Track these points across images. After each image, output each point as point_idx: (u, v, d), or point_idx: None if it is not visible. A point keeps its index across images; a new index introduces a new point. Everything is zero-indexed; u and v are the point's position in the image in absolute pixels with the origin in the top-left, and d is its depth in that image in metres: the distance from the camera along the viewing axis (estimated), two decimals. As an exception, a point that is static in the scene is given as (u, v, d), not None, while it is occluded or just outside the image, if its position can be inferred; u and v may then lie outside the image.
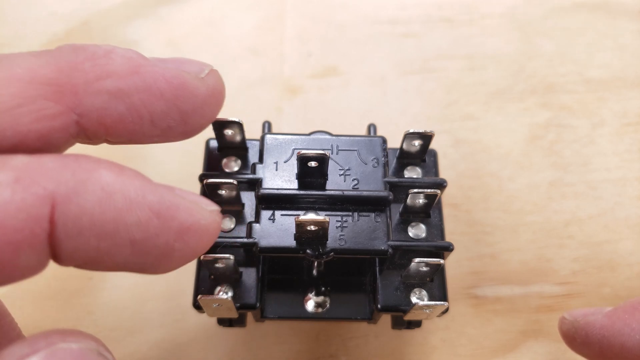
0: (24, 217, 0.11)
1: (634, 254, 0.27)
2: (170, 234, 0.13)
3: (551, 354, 0.25)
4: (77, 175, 0.12)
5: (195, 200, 0.14)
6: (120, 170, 0.13)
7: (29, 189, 0.12)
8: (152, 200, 0.13)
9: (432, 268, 0.19)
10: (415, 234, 0.21)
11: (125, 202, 0.12)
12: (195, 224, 0.14)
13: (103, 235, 0.12)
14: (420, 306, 0.18)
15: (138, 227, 0.13)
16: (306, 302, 0.22)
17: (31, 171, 0.12)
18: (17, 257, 0.12)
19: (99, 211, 0.12)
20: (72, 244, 0.12)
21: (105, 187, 0.12)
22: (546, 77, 0.31)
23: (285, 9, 0.33)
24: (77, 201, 0.12)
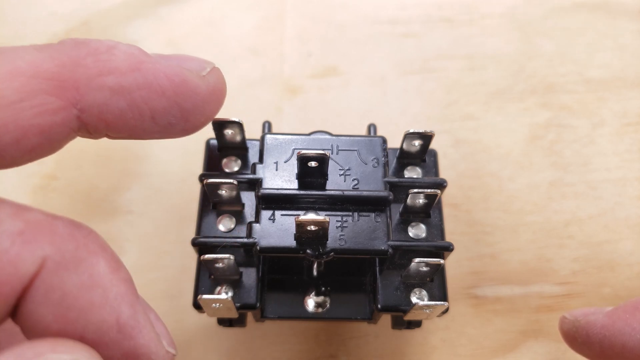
0: (10, 272, 0.11)
1: (634, 254, 0.27)
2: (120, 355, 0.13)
3: (551, 354, 0.25)
4: (78, 252, 0.12)
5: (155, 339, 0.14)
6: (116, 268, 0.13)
7: (27, 245, 0.12)
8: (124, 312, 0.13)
9: (432, 268, 0.19)
10: (415, 234, 0.21)
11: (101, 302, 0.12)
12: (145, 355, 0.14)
13: (64, 319, 0.12)
14: (420, 306, 0.18)
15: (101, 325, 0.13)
16: (306, 302, 0.22)
17: (39, 228, 0.12)
18: None
19: (75, 295, 0.12)
20: (35, 316, 0.12)
21: (93, 276, 0.12)
22: (546, 77, 0.31)
23: (285, 9, 0.33)
24: (62, 277, 0.12)
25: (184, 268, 0.26)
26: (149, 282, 0.26)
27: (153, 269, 0.26)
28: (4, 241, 0.11)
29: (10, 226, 0.12)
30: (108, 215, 0.27)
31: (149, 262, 0.26)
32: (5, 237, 0.11)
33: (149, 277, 0.26)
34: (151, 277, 0.26)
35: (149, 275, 0.26)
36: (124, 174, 0.28)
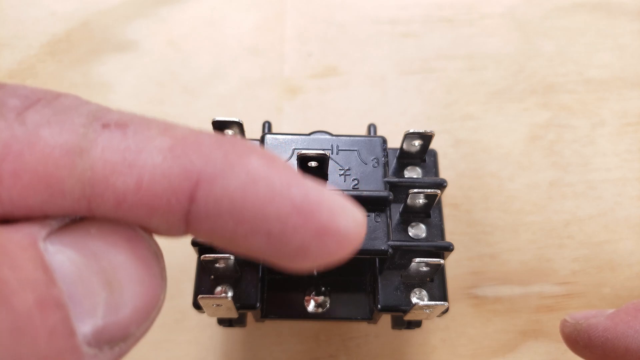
0: (166, 186, 0.11)
1: (634, 254, 0.27)
2: (307, 233, 0.12)
3: (551, 354, 0.25)
4: (228, 157, 0.12)
5: (343, 205, 0.13)
6: (271, 160, 0.12)
7: (178, 159, 0.11)
8: (296, 195, 0.12)
9: (432, 268, 0.19)
10: (415, 234, 0.21)
11: (268, 192, 0.12)
12: (334, 228, 0.12)
13: (241, 221, 0.12)
14: (420, 306, 0.18)
15: (277, 220, 0.12)
16: (306, 302, 0.22)
17: (187, 143, 0.12)
18: (149, 219, 0.12)
19: (240, 196, 0.12)
20: (209, 224, 0.12)
21: (251, 173, 0.12)
22: (546, 77, 0.31)
23: (285, 9, 0.33)
24: (222, 183, 0.12)
25: (184, 268, 0.26)
26: (149, 282, 0.26)
27: (153, 269, 0.26)
28: (154, 157, 0.11)
29: (160, 142, 0.12)
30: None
31: (149, 262, 0.26)
32: (156, 153, 0.11)
33: (149, 277, 0.26)
34: (151, 277, 0.26)
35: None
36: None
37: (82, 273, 0.11)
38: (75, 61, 0.31)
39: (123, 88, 0.31)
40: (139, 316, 0.12)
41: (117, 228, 0.12)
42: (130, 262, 0.12)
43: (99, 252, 0.12)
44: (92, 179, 0.11)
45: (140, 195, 0.11)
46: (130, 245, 0.12)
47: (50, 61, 0.31)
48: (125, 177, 0.11)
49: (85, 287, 0.11)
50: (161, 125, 0.12)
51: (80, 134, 0.11)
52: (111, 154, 0.11)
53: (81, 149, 0.11)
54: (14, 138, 0.11)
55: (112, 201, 0.11)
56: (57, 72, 0.31)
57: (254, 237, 0.12)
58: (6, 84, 0.12)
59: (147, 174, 0.11)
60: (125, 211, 0.12)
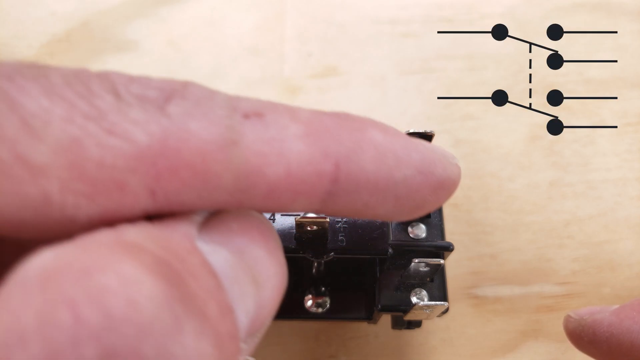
0: (311, 171, 0.12)
1: (634, 254, 0.27)
2: (427, 188, 0.13)
3: (551, 354, 0.25)
4: (353, 135, 0.12)
5: (446, 155, 0.14)
6: (386, 129, 0.13)
7: (317, 145, 0.12)
8: (416, 158, 0.13)
9: (432, 268, 0.19)
10: (415, 234, 0.21)
11: (395, 161, 0.13)
12: (448, 179, 0.14)
13: (375, 191, 0.12)
14: (420, 306, 0.18)
15: (404, 184, 0.13)
16: (306, 302, 0.22)
17: (316, 127, 0.12)
18: (292, 203, 0.12)
19: (374, 169, 0.12)
20: (346, 199, 0.12)
21: (378, 147, 0.12)
22: (546, 77, 0.31)
23: (285, 9, 0.33)
24: (357, 160, 0.12)
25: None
26: (149, 282, 0.26)
27: (153, 269, 0.26)
28: (296, 144, 0.11)
29: (295, 129, 0.12)
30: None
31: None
32: (296, 140, 0.12)
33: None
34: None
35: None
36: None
37: (236, 272, 0.11)
38: (75, 61, 0.31)
39: (123, 88, 0.31)
40: (275, 307, 0.13)
41: (253, 220, 0.12)
42: (267, 256, 0.12)
43: (243, 248, 0.12)
44: (247, 171, 0.11)
45: (289, 182, 0.11)
46: (264, 238, 0.12)
47: (50, 61, 0.31)
48: (277, 166, 0.11)
49: (240, 286, 0.11)
50: (288, 111, 0.12)
51: (227, 126, 0.11)
52: (261, 145, 0.11)
53: (233, 142, 0.11)
54: (166, 133, 0.11)
55: (264, 191, 0.11)
56: (57, 72, 0.31)
57: (384, 203, 0.13)
58: (132, 75, 0.11)
59: (294, 161, 0.11)
60: (273, 200, 0.12)
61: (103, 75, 0.11)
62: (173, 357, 0.09)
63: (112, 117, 0.10)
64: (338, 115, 0.13)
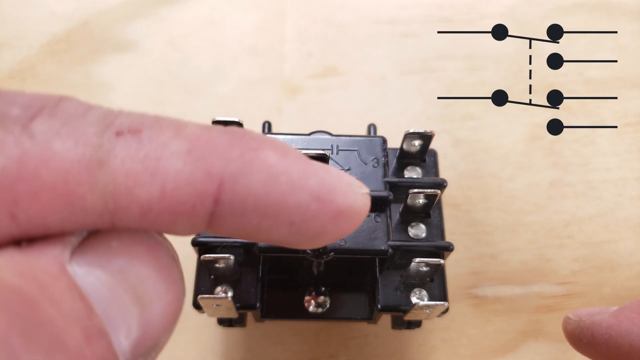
0: (190, 192, 0.11)
1: (634, 254, 0.27)
2: (326, 217, 0.13)
3: (551, 354, 0.25)
4: (244, 155, 0.12)
5: (350, 183, 0.13)
6: (285, 152, 0.12)
7: (198, 163, 0.11)
8: (313, 184, 0.12)
9: (432, 268, 0.19)
10: (415, 234, 0.21)
11: (289, 185, 0.12)
12: (349, 208, 0.13)
13: (265, 215, 0.12)
14: (420, 306, 0.18)
15: (298, 210, 0.12)
16: (306, 302, 0.22)
17: (202, 144, 0.11)
18: (173, 224, 0.11)
19: (264, 193, 0.12)
20: (234, 222, 0.12)
21: (269, 168, 0.12)
22: (546, 77, 0.31)
23: (285, 9, 0.33)
24: (244, 182, 0.12)
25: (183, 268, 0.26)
26: (149, 282, 0.26)
27: (153, 269, 0.26)
28: (175, 162, 0.11)
29: (177, 146, 0.11)
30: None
31: (149, 262, 0.26)
32: (175, 159, 0.11)
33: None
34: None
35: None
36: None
37: (114, 293, 0.11)
38: (75, 61, 0.31)
39: (123, 88, 0.31)
40: (168, 325, 0.12)
41: (137, 237, 0.12)
42: (155, 273, 0.12)
43: (124, 267, 0.11)
44: (115, 193, 0.11)
45: (165, 203, 0.11)
46: (151, 254, 0.12)
47: (50, 61, 0.31)
48: (149, 186, 0.11)
49: (119, 307, 0.11)
50: (172, 126, 0.12)
51: (96, 145, 0.11)
52: (131, 164, 0.11)
53: (100, 162, 0.10)
54: (26, 154, 0.10)
55: (136, 212, 0.11)
56: (57, 72, 0.31)
57: (277, 228, 0.12)
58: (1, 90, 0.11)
59: (170, 181, 0.11)
60: (149, 221, 0.11)
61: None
62: None
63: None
64: (233, 132, 0.12)
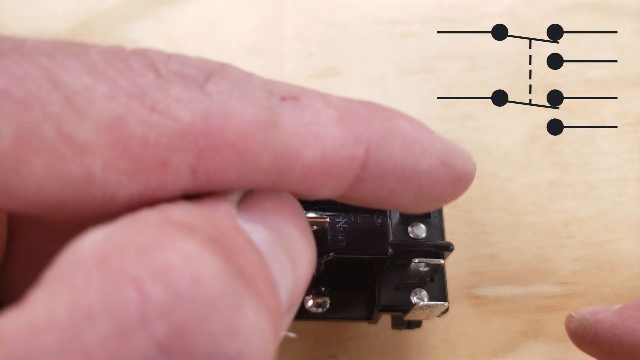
0: (344, 155, 0.12)
1: (634, 254, 0.27)
2: (447, 180, 0.14)
3: (551, 354, 0.25)
4: (383, 123, 0.13)
5: (464, 150, 0.14)
6: (412, 120, 0.13)
7: (350, 130, 0.12)
8: (440, 149, 0.13)
9: (432, 268, 0.19)
10: (415, 234, 0.21)
11: (421, 150, 0.13)
12: (466, 173, 0.14)
13: (401, 179, 0.13)
14: (420, 306, 0.18)
15: (427, 174, 0.13)
16: (306, 302, 0.22)
17: (349, 113, 0.12)
18: (323, 186, 0.12)
19: (402, 157, 0.13)
20: (373, 185, 0.13)
21: (405, 135, 0.13)
22: (546, 77, 0.31)
23: (285, 9, 0.33)
24: (386, 147, 0.12)
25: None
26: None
27: (153, 269, 0.26)
28: (331, 128, 0.12)
29: (329, 114, 0.12)
30: (108, 215, 0.27)
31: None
32: (330, 125, 0.12)
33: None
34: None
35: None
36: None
37: (275, 249, 0.11)
38: (75, 61, 0.31)
39: (123, 88, 0.31)
40: (308, 282, 0.13)
41: (284, 199, 0.12)
42: (300, 233, 0.12)
43: (279, 226, 0.12)
44: (285, 153, 0.11)
45: (323, 165, 0.12)
46: (296, 216, 0.12)
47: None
48: (313, 148, 0.11)
49: (279, 263, 0.11)
50: (321, 96, 0.12)
51: (267, 108, 0.11)
52: (298, 127, 0.11)
53: (272, 123, 0.11)
54: (209, 111, 0.11)
55: (299, 173, 0.11)
56: (57, 72, 0.31)
57: (407, 191, 0.13)
58: (170, 52, 0.11)
59: (329, 145, 0.12)
60: (307, 182, 0.12)
61: (141, 52, 0.11)
62: (237, 333, 0.09)
63: (154, 95, 0.10)
64: (367, 103, 0.13)
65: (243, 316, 0.09)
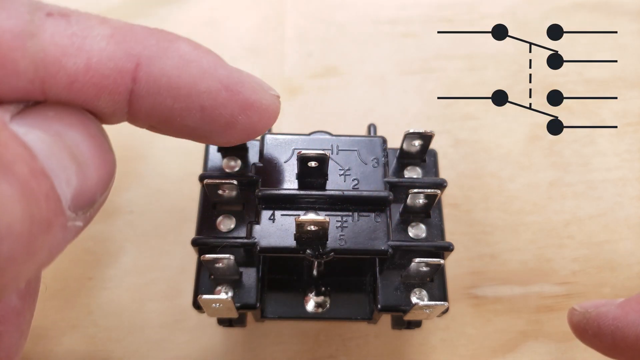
0: (112, 67, 0.13)
1: (634, 254, 0.27)
2: (235, 106, 0.15)
3: (551, 354, 0.25)
4: (160, 43, 0.14)
5: (259, 82, 0.16)
6: (196, 45, 0.15)
7: (121, 45, 0.13)
8: (222, 74, 0.15)
9: (432, 268, 0.19)
10: (415, 234, 0.21)
11: (199, 71, 0.14)
12: (257, 102, 0.15)
13: (178, 97, 0.14)
14: (420, 306, 0.18)
15: (208, 95, 0.14)
16: (306, 302, 0.22)
17: (124, 31, 0.13)
18: (97, 98, 0.13)
19: (176, 75, 0.14)
20: (150, 102, 0.14)
21: (183, 56, 0.14)
22: (546, 77, 0.31)
23: (285, 9, 0.33)
24: (159, 64, 0.14)
25: (183, 268, 0.26)
26: (149, 282, 0.26)
27: (153, 269, 0.26)
28: (99, 42, 0.13)
29: (101, 30, 0.13)
30: (108, 215, 0.27)
31: (149, 262, 0.26)
32: (99, 39, 0.13)
33: (149, 277, 0.26)
34: (151, 277, 0.26)
35: (149, 275, 0.26)
36: (123, 174, 0.28)
37: (52, 149, 0.12)
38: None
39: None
40: (102, 185, 0.14)
41: (70, 110, 0.13)
42: (87, 139, 0.13)
43: (60, 131, 0.13)
44: (45, 61, 0.12)
45: (89, 75, 0.13)
46: (83, 124, 0.13)
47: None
48: (76, 58, 0.13)
49: (58, 160, 0.12)
50: (98, 17, 0.14)
51: (28, 20, 0.12)
52: (60, 38, 0.12)
53: (31, 33, 0.12)
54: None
55: (64, 81, 0.13)
56: (57, 72, 0.31)
57: (189, 113, 0.14)
58: None
59: (94, 57, 0.13)
60: (77, 91, 0.13)
61: None
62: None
63: None
64: (152, 28, 0.14)
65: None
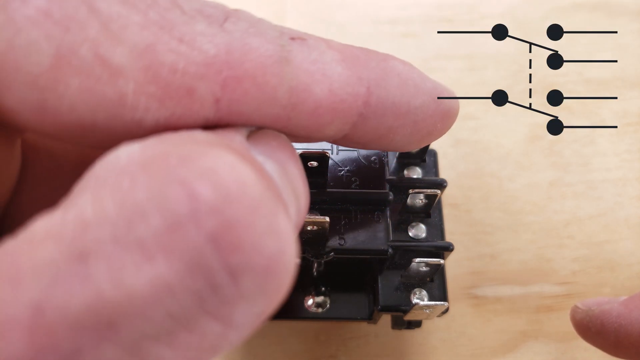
0: (349, 91, 0.13)
1: (634, 254, 0.27)
2: (438, 115, 0.15)
3: (551, 354, 0.25)
4: (379, 64, 0.14)
5: (450, 89, 0.16)
6: (403, 61, 0.15)
7: (352, 69, 0.13)
8: (430, 87, 0.15)
9: (432, 268, 0.19)
10: (415, 234, 0.21)
11: (415, 88, 0.14)
12: (452, 109, 0.16)
13: (398, 115, 0.14)
14: (421, 306, 0.18)
15: (421, 109, 0.15)
16: (306, 302, 0.22)
17: (350, 55, 0.13)
18: (330, 123, 0.13)
19: (399, 94, 0.14)
20: (374, 123, 0.14)
21: (400, 75, 0.14)
22: (546, 77, 0.31)
23: (285, 9, 0.33)
24: (385, 85, 0.14)
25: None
26: (148, 282, 0.26)
27: (153, 269, 0.26)
28: (335, 67, 0.13)
29: (333, 55, 0.13)
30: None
31: (149, 262, 0.26)
32: (335, 64, 0.13)
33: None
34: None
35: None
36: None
37: (282, 182, 0.12)
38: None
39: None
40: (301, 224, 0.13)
41: (285, 141, 0.13)
42: (300, 172, 0.13)
43: (284, 162, 0.13)
44: (297, 87, 0.12)
45: (331, 100, 0.13)
46: (296, 157, 0.13)
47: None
48: (322, 84, 0.12)
49: (286, 195, 0.12)
50: (322, 39, 0.13)
51: (280, 45, 0.12)
52: (308, 64, 0.12)
53: (286, 59, 0.12)
54: (229, 45, 0.11)
55: (310, 108, 0.12)
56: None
57: (404, 128, 0.14)
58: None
59: (335, 82, 0.13)
60: (317, 118, 0.13)
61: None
62: (276, 233, 0.10)
63: (181, 28, 0.11)
64: (363, 48, 0.14)
65: (280, 220, 0.10)
